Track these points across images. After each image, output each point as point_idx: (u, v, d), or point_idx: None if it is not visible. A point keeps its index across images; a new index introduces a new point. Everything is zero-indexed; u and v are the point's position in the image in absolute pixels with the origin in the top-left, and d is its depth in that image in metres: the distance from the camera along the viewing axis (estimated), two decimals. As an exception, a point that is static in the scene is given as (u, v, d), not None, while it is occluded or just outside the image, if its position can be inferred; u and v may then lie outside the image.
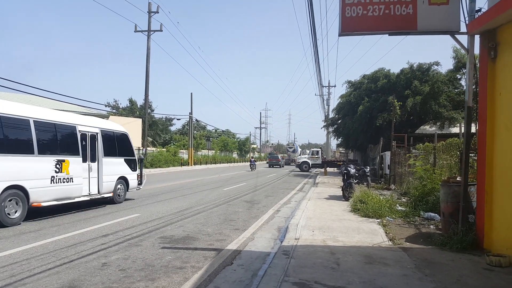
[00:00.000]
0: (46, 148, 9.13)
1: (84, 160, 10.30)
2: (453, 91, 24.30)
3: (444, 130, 22.18)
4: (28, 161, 8.54)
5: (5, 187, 7.86)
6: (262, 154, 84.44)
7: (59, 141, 9.63)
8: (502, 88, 5.72)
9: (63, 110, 12.90)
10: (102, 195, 10.98)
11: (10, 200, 7.98)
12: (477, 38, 6.35)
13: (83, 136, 10.40)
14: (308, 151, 45.73)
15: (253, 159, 43.52)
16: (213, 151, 62.81)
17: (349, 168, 13.37)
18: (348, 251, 5.91)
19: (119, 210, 10.34)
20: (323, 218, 8.94)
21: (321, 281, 4.48)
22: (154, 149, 39.91)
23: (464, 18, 6.51)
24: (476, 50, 6.61)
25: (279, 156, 54.91)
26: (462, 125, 11.53)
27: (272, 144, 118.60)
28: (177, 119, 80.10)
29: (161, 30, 32.22)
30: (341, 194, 13.21)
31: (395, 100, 19.51)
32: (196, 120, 52.83)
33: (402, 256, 5.67)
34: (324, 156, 44.36)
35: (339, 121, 32.60)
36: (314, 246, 6.27)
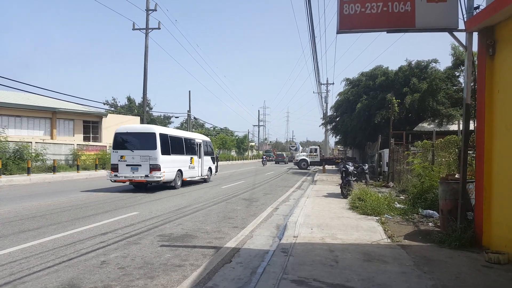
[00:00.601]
0: (187, 151, 17.43)
1: (198, 157, 18.71)
2: (451, 88, 24.30)
3: (443, 128, 22.20)
4: (182, 158, 16.83)
5: (177, 170, 15.88)
6: (260, 152, 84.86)
7: (190, 147, 18.00)
8: (500, 85, 5.72)
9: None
10: (203, 177, 19.48)
11: (177, 176, 15.91)
12: (475, 35, 6.34)
13: (197, 144, 18.90)
14: (307, 149, 45.90)
15: (264, 156, 54.28)
16: (211, 149, 62.72)
17: (347, 166, 13.37)
18: (346, 249, 5.92)
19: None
20: (321, 215, 8.96)
21: (320, 279, 4.49)
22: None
23: (463, 15, 6.51)
24: (475, 48, 6.61)
25: (284, 153, 67.70)
26: (461, 122, 11.55)
27: (271, 142, 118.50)
28: (176, 117, 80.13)
29: (159, 28, 32.06)
30: (340, 191, 13.23)
31: (393, 98, 19.51)
32: (194, 118, 53.10)
33: (400, 254, 5.68)
34: (323, 154, 44.40)
35: (338, 119, 32.58)
36: (312, 243, 6.28)
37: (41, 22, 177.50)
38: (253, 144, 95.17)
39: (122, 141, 15.00)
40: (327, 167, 34.70)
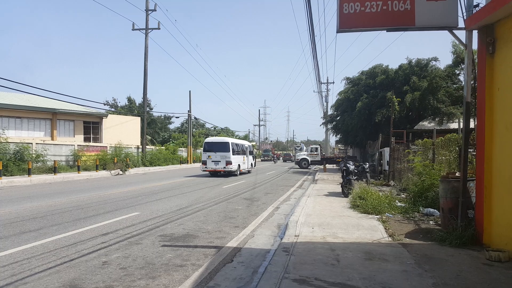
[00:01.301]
0: (242, 152, 26.61)
1: (246, 156, 27.29)
2: (452, 86, 24.30)
3: (443, 126, 22.20)
4: (240, 156, 25.88)
5: (238, 164, 25.09)
6: (261, 151, 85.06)
7: (243, 149, 26.99)
8: (500, 83, 5.72)
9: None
10: (248, 169, 28.34)
11: (238, 168, 25.07)
12: (475, 33, 6.35)
13: (245, 147, 27.75)
14: (307, 148, 45.96)
15: (275, 155, 66.34)
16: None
17: (348, 165, 13.37)
18: (348, 248, 5.93)
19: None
20: (322, 214, 8.96)
21: (321, 278, 4.49)
22: (153, 147, 39.79)
23: (462, 14, 6.51)
24: (475, 46, 6.61)
25: (291, 153, 76.63)
26: (461, 120, 11.55)
27: (271, 141, 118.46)
28: (176, 117, 79.94)
29: (159, 28, 32.08)
30: (341, 190, 13.24)
31: (394, 96, 19.49)
32: (195, 118, 53.07)
33: (401, 252, 5.69)
34: (323, 153, 44.44)
35: (338, 118, 32.56)
36: (314, 242, 6.29)
37: (41, 23, 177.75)
38: (254, 143, 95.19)
39: (208, 147, 24.38)
40: (328, 166, 34.71)
